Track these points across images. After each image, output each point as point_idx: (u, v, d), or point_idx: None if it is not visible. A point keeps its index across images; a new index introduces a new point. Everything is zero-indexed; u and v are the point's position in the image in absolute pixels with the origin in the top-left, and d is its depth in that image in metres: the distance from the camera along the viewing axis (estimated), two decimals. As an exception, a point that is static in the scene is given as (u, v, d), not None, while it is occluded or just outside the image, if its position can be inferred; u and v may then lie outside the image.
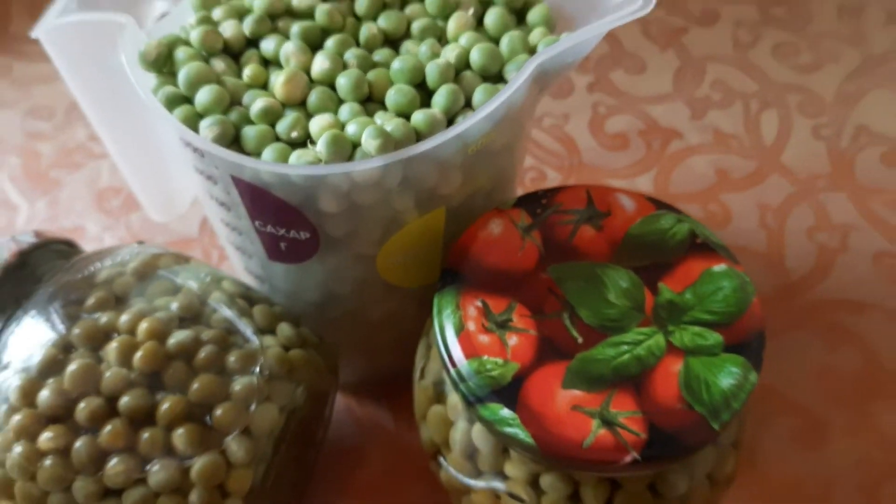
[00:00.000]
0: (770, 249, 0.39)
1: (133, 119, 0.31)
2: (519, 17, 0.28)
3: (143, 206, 0.35)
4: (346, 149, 0.24)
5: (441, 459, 0.27)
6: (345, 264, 0.28)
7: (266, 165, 0.24)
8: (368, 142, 0.23)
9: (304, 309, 0.30)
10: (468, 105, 0.25)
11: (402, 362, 0.32)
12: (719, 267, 0.26)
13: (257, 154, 0.24)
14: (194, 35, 0.26)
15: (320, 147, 0.24)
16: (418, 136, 0.24)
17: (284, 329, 0.28)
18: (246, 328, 0.28)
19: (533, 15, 0.27)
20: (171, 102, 0.25)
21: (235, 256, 0.30)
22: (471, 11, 0.27)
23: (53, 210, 0.41)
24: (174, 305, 0.28)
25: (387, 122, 0.24)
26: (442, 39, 0.27)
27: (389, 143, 0.23)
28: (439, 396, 0.27)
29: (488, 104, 0.24)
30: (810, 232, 0.40)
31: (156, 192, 0.35)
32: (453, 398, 0.26)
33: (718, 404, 0.23)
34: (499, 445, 0.25)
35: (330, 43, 0.26)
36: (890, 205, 0.41)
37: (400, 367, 0.34)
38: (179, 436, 0.25)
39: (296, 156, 0.24)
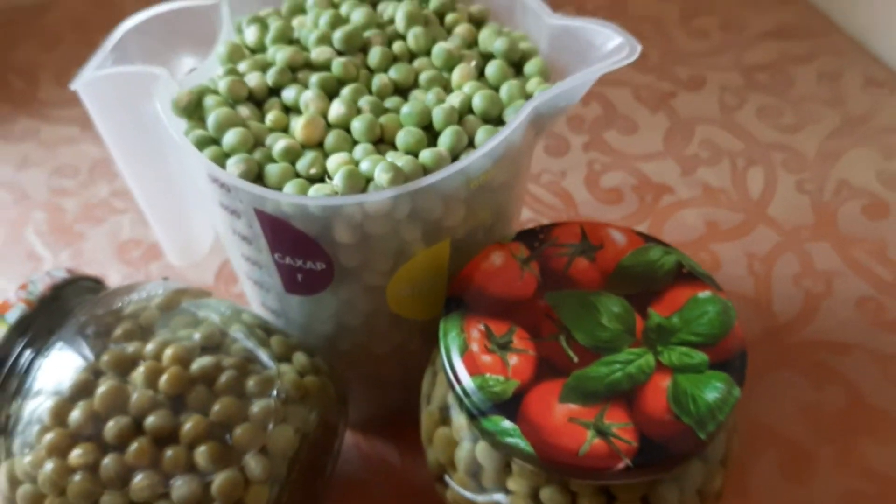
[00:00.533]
0: (758, 294, 0.42)
1: (159, 167, 0.34)
2: (517, 69, 0.30)
3: (164, 250, 0.37)
4: (360, 182, 0.26)
5: (447, 479, 0.28)
6: (356, 295, 0.30)
7: (287, 197, 0.26)
8: (381, 175, 0.26)
9: (317, 342, 0.32)
10: (471, 145, 0.28)
11: (408, 398, 0.34)
12: (704, 294, 0.28)
13: (279, 189, 0.27)
14: (222, 84, 0.29)
15: (337, 181, 0.26)
16: (425, 171, 0.26)
17: (300, 357, 0.30)
18: (264, 356, 0.30)
19: (529, 66, 0.30)
20: (201, 144, 0.28)
21: (253, 292, 0.32)
22: (473, 63, 0.30)
23: (77, 261, 0.44)
24: (196, 335, 0.30)
25: (397, 159, 0.26)
26: (447, 88, 0.29)
27: (399, 176, 0.26)
28: (445, 420, 0.29)
29: (489, 142, 0.26)
30: (796, 278, 0.42)
31: (176, 236, 0.37)
32: (458, 420, 0.28)
33: (704, 416, 0.25)
34: (501, 462, 0.27)
35: (345, 91, 0.29)
36: (872, 253, 0.43)
37: (406, 404, 0.36)
38: (201, 453, 0.27)
39: (314, 189, 0.26)
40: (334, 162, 0.27)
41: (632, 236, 0.30)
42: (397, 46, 0.30)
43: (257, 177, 0.27)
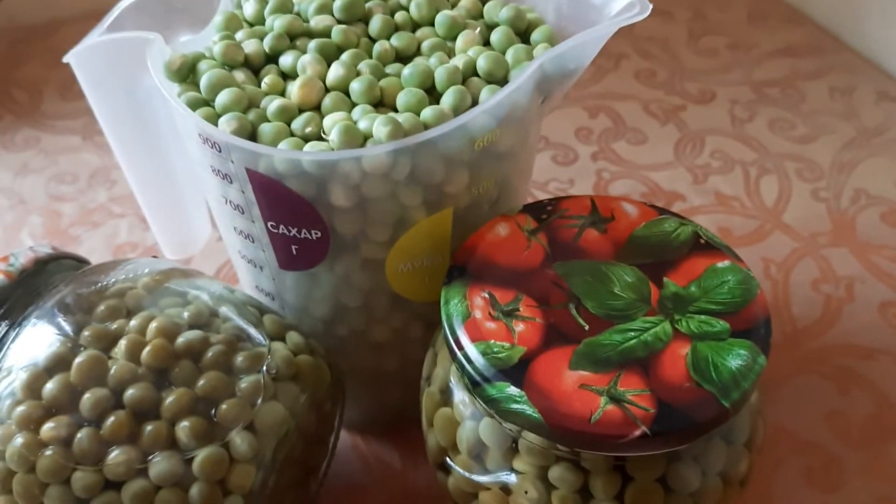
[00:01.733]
0: (776, 299, 0.40)
1: (153, 148, 0.33)
2: (523, 39, 0.29)
3: (160, 244, 0.36)
4: (357, 138, 0.25)
5: (449, 463, 0.26)
6: (354, 271, 0.28)
7: (280, 152, 0.25)
8: (379, 128, 0.24)
9: (313, 326, 0.31)
10: (475, 106, 0.26)
11: (408, 396, 0.32)
12: (723, 263, 0.26)
13: (272, 147, 0.25)
14: (217, 48, 0.28)
15: (333, 136, 0.25)
16: (426, 128, 0.25)
17: (294, 336, 0.29)
18: (255, 333, 0.28)
19: (536, 35, 0.29)
20: (194, 105, 0.26)
21: (247, 273, 0.31)
22: (477, 31, 0.29)
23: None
24: (185, 314, 0.28)
25: (397, 116, 0.25)
26: (450, 56, 0.28)
27: (399, 130, 0.24)
28: (446, 401, 0.27)
29: (493, 97, 0.25)
30: (815, 283, 0.40)
31: (171, 226, 0.36)
32: (460, 398, 0.26)
33: (728, 383, 0.23)
34: (507, 441, 0.25)
35: (345, 55, 0.28)
36: (893, 259, 0.41)
37: (405, 404, 0.34)
38: (183, 428, 0.25)
39: (309, 146, 0.25)
40: (331, 119, 0.26)
41: (644, 209, 0.28)
42: (399, 16, 0.29)
43: (251, 137, 0.26)
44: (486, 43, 0.29)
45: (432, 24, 0.29)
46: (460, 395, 0.26)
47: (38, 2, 0.58)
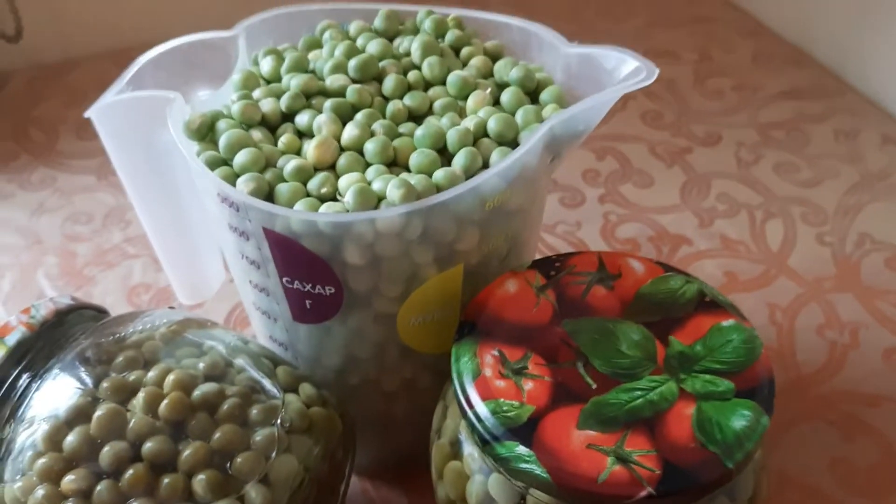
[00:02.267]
0: (781, 345, 0.40)
1: (170, 200, 0.34)
2: (533, 99, 0.30)
3: (174, 289, 0.37)
4: (371, 200, 0.26)
5: (457, 515, 0.27)
6: (366, 324, 0.29)
7: (297, 213, 0.25)
8: (392, 191, 0.25)
9: (325, 376, 0.31)
10: (486, 168, 0.27)
11: (417, 441, 0.33)
12: (727, 322, 0.27)
13: (289, 207, 0.26)
14: (235, 108, 0.29)
15: (348, 198, 0.25)
16: (439, 190, 0.26)
17: (306, 388, 0.29)
18: (269, 385, 0.28)
19: (545, 95, 0.29)
20: (212, 164, 0.27)
21: (261, 323, 0.32)
22: (488, 91, 0.29)
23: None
24: (201, 365, 0.29)
25: (410, 178, 0.26)
26: (462, 115, 0.29)
27: (412, 192, 0.25)
28: (456, 454, 0.27)
29: (504, 160, 0.26)
30: (820, 329, 0.41)
31: (186, 273, 0.36)
32: (470, 452, 0.27)
33: (732, 444, 0.23)
34: (516, 496, 0.25)
35: (359, 115, 0.28)
36: (897, 305, 0.42)
37: (415, 448, 0.34)
38: (199, 481, 0.26)
39: (325, 207, 0.26)
40: (346, 181, 0.26)
41: (651, 266, 0.29)
42: (412, 76, 0.30)
43: (268, 196, 0.27)
44: (497, 102, 0.30)
45: (444, 83, 0.30)
46: (470, 450, 0.27)
47: (56, 41, 0.59)
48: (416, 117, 0.30)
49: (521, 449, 0.24)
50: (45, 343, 0.29)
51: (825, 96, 0.55)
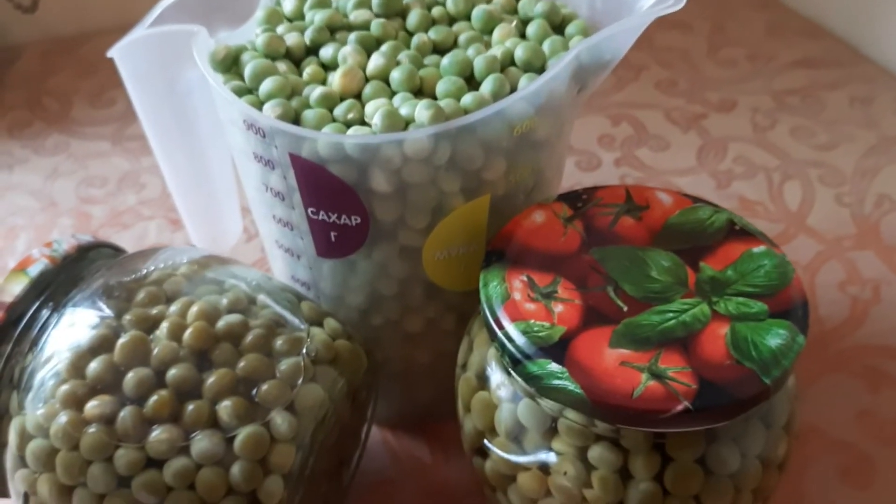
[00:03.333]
0: (803, 300, 0.40)
1: (191, 143, 0.33)
2: (558, 33, 0.30)
3: (192, 238, 0.36)
4: (399, 123, 0.25)
5: (487, 445, 0.26)
6: (391, 258, 0.28)
7: (325, 136, 0.25)
8: (421, 112, 0.25)
9: (348, 315, 0.31)
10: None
11: (439, 390, 0.33)
12: (759, 248, 0.26)
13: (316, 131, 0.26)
14: (260, 40, 0.28)
15: (376, 120, 0.25)
16: (466, 114, 0.26)
17: (331, 322, 0.29)
18: (293, 318, 0.28)
19: (570, 28, 0.29)
20: (238, 92, 0.27)
21: (284, 263, 0.31)
22: (514, 24, 0.29)
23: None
24: (224, 301, 0.28)
25: (438, 101, 0.26)
26: (487, 48, 0.29)
27: (441, 114, 0.25)
28: (482, 385, 0.27)
29: (532, 84, 0.25)
30: (841, 285, 0.41)
31: (205, 224, 0.36)
32: (497, 381, 0.26)
33: (768, 361, 0.23)
34: (546, 421, 0.25)
35: (384, 46, 0.28)
36: (919, 263, 0.42)
37: (436, 398, 0.34)
38: (224, 408, 0.25)
39: (352, 130, 0.25)
40: (373, 107, 0.26)
41: (678, 197, 0.28)
42: (436, 11, 0.30)
43: (294, 123, 0.26)
44: (522, 36, 0.29)
45: (468, 19, 0.30)
46: (497, 379, 0.26)
47: (69, 15, 0.59)
48: (441, 50, 0.29)
49: (554, 366, 0.23)
50: (67, 277, 0.29)
51: (839, 65, 0.55)
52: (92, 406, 0.25)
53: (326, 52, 0.29)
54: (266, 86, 0.27)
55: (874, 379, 0.37)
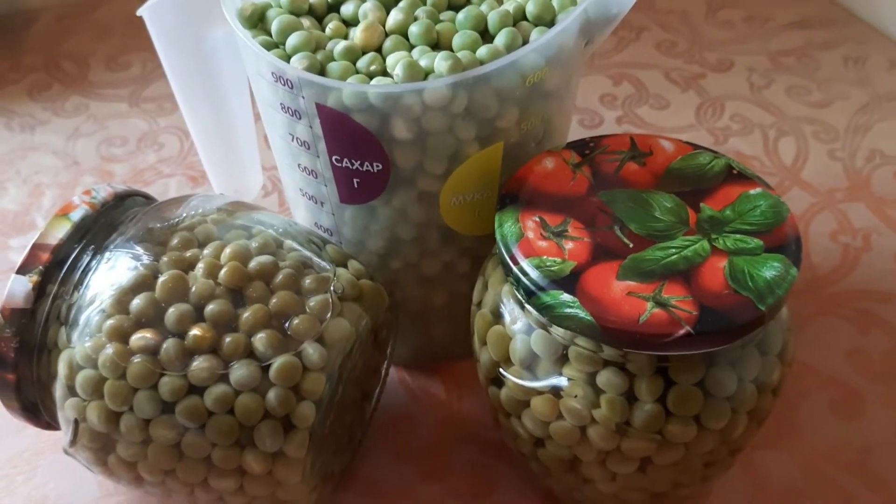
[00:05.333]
0: (797, 248, 0.42)
1: (215, 100, 0.35)
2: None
3: (214, 190, 0.38)
4: (419, 73, 0.27)
5: (502, 372, 0.29)
6: (410, 203, 0.30)
7: (350, 86, 0.27)
8: (440, 63, 0.27)
9: (369, 259, 0.33)
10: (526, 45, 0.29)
11: (453, 334, 0.35)
12: (755, 190, 0.28)
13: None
14: (284, -1, 0.30)
15: (397, 71, 0.27)
16: (482, 65, 0.27)
17: (354, 264, 0.31)
18: (319, 260, 0.30)
19: (579, -14, 0.31)
20: (266, 47, 0.29)
21: (307, 211, 0.33)
22: (524, -19, 0.31)
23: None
24: (253, 244, 0.30)
25: (455, 53, 0.27)
26: (499, 2, 0.31)
27: (459, 64, 0.27)
28: (497, 320, 0.29)
29: (544, 36, 0.27)
30: (833, 235, 0.43)
31: (228, 175, 0.38)
32: (512, 314, 0.28)
33: (763, 290, 0.25)
34: (557, 349, 0.27)
35: (402, 3, 0.30)
36: (908, 213, 0.44)
37: (450, 341, 0.36)
38: (260, 339, 0.27)
39: (375, 81, 0.27)
40: (394, 59, 0.28)
41: (680, 144, 0.30)
42: (451, -30, 0.32)
43: (319, 74, 0.28)
44: (532, -5, 0.31)
45: (481, -24, 0.32)
46: (512, 313, 0.28)
47: (81, -21, 0.60)
48: (455, 7, 0.31)
49: (566, 296, 0.25)
50: (105, 221, 0.30)
51: (834, 26, 0.57)
52: (137, 338, 0.27)
53: (347, 9, 0.30)
54: (292, 40, 0.28)
55: (864, 321, 0.39)
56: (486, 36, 0.29)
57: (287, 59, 0.28)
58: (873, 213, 0.44)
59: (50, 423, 0.31)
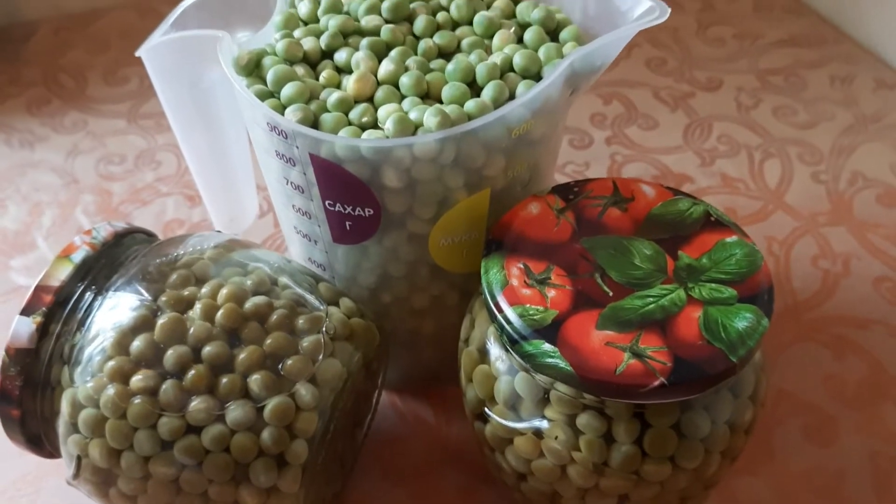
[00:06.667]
0: (778, 273, 0.43)
1: (213, 133, 0.36)
2: (553, 38, 0.32)
3: (212, 219, 0.39)
4: (409, 127, 0.28)
5: (487, 412, 0.30)
6: (400, 244, 0.31)
7: (343, 140, 0.28)
8: (429, 118, 0.28)
9: (360, 294, 0.34)
10: (512, 100, 0.30)
11: (443, 357, 0.36)
12: (731, 238, 0.29)
13: (333, 135, 0.29)
14: (279, 46, 0.31)
15: (388, 125, 0.28)
16: (470, 119, 0.28)
17: (346, 302, 0.32)
18: (312, 299, 0.31)
19: (565, 34, 0.32)
20: (261, 96, 0.30)
21: (301, 247, 0.34)
22: (512, 30, 0.32)
23: (122, 240, 0.46)
24: (248, 282, 0.31)
25: (444, 107, 0.28)
26: (488, 52, 0.32)
27: (447, 120, 0.28)
28: (483, 359, 0.30)
29: (530, 91, 0.28)
30: (814, 259, 0.44)
31: (225, 205, 0.39)
32: (497, 355, 0.29)
33: (735, 341, 0.26)
34: (539, 392, 0.28)
35: (394, 52, 0.31)
36: (888, 238, 0.45)
37: (440, 364, 0.37)
38: (255, 380, 0.28)
39: (366, 134, 0.28)
40: (385, 111, 0.29)
41: (661, 190, 0.31)
42: (441, 16, 0.32)
43: (313, 125, 0.29)
44: (520, 41, 0.32)
45: (471, 24, 0.32)
46: (496, 354, 0.30)
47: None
48: (446, 55, 0.32)
49: (547, 346, 0.26)
50: (106, 262, 0.32)
51: (822, 44, 0.58)
52: (137, 379, 0.28)
53: (340, 56, 0.31)
54: (287, 91, 0.29)
55: (840, 347, 0.40)
56: (474, 86, 0.30)
57: (282, 108, 0.29)
58: (854, 237, 0.45)
59: (53, 453, 0.32)
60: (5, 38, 0.59)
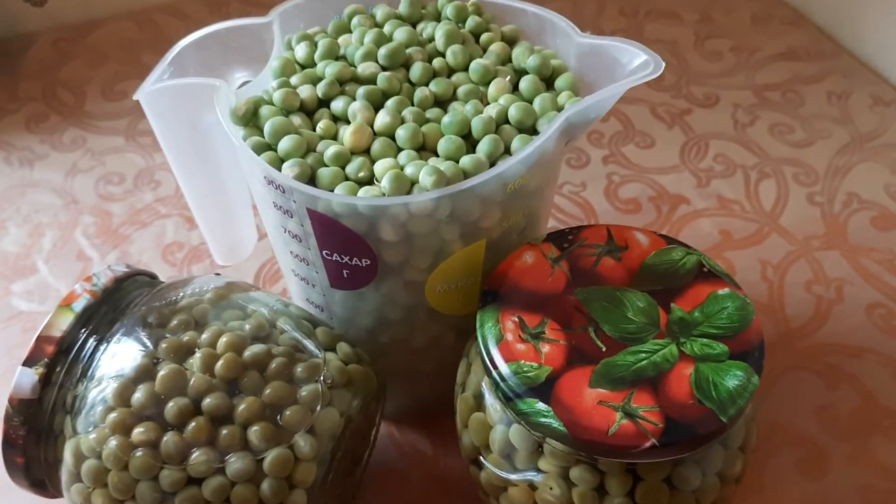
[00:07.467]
0: (771, 300, 0.44)
1: (211, 172, 0.36)
2: (548, 84, 0.32)
3: (211, 251, 0.40)
4: (405, 185, 0.28)
5: (482, 460, 0.30)
6: (397, 290, 0.32)
7: (339, 198, 0.28)
8: (425, 178, 0.28)
9: (358, 334, 0.35)
10: (507, 152, 0.30)
11: (440, 390, 0.36)
12: (723, 290, 0.30)
13: (330, 190, 0.29)
14: (276, 96, 0.31)
15: (384, 183, 0.28)
16: (465, 175, 0.29)
17: (343, 347, 0.32)
18: (310, 345, 0.32)
19: (560, 81, 0.32)
20: (258, 149, 0.30)
21: (298, 287, 0.35)
22: (507, 78, 0.32)
23: (124, 261, 0.46)
24: (247, 327, 0.32)
25: (439, 164, 0.29)
26: (483, 101, 0.32)
27: (442, 179, 0.28)
28: (479, 406, 0.31)
29: (524, 149, 0.28)
30: (808, 285, 0.44)
31: (223, 238, 0.39)
32: (492, 405, 0.30)
33: (725, 400, 0.27)
34: (534, 444, 0.29)
35: (390, 103, 0.31)
36: (881, 262, 0.45)
37: (437, 397, 0.38)
38: (254, 432, 0.29)
39: (363, 191, 0.29)
40: (381, 166, 0.29)
41: (655, 238, 0.32)
42: (437, 63, 0.33)
43: (310, 179, 0.29)
44: (515, 87, 0.32)
45: (466, 70, 0.33)
46: (492, 402, 0.30)
47: (77, 2, 0.61)
48: (441, 102, 0.32)
49: (541, 405, 0.27)
50: (108, 308, 0.32)
51: (820, 58, 0.58)
52: (138, 432, 0.29)
53: (337, 105, 0.31)
54: (284, 144, 0.30)
55: (833, 376, 0.41)
56: (470, 137, 0.30)
57: (279, 161, 0.30)
58: (847, 262, 0.45)
59: (56, 496, 0.33)
60: (3, 52, 0.59)
